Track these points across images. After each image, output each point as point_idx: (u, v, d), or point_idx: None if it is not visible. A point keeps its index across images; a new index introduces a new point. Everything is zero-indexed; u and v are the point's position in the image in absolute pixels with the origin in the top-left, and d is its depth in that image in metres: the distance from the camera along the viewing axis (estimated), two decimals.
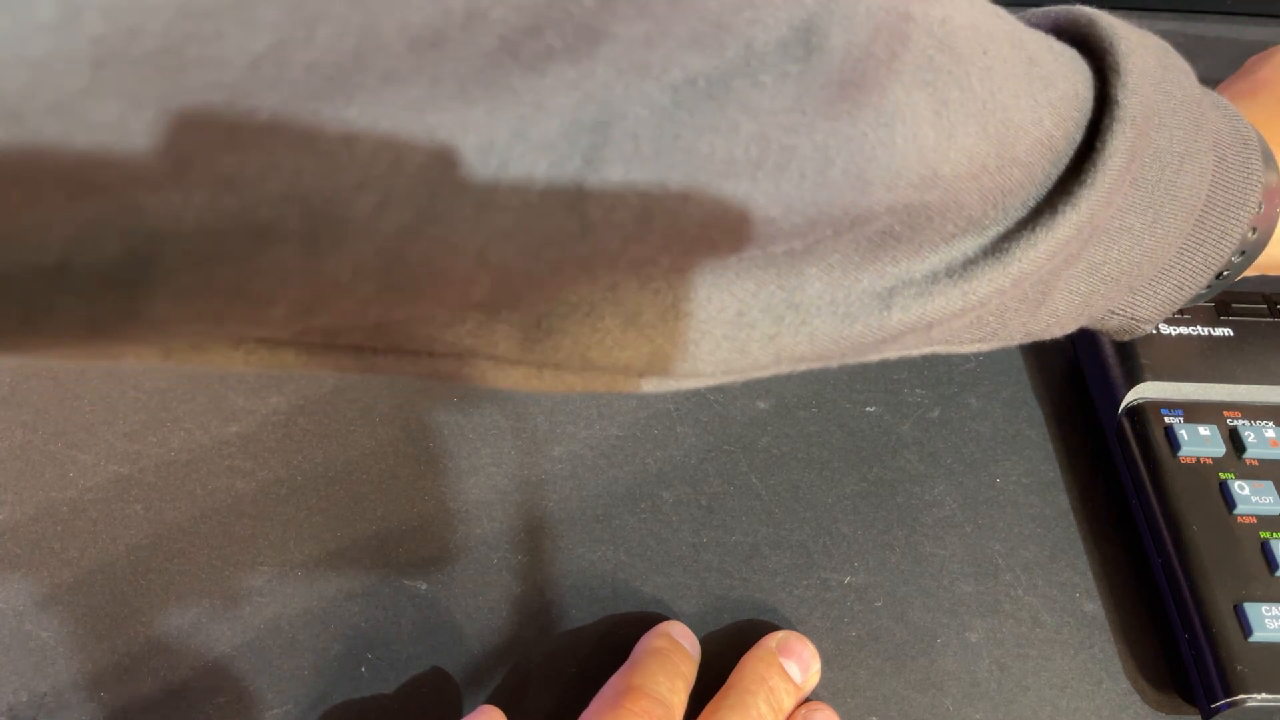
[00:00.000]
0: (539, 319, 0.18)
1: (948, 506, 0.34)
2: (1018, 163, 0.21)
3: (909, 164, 0.18)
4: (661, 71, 0.15)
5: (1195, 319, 0.35)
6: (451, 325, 0.18)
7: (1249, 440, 0.32)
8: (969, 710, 0.30)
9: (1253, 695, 0.27)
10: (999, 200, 0.21)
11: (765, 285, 0.20)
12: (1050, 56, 0.22)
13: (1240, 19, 0.53)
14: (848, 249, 0.20)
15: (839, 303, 0.21)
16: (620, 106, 0.15)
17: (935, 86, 0.19)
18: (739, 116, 0.16)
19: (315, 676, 0.30)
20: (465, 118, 0.13)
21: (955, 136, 0.19)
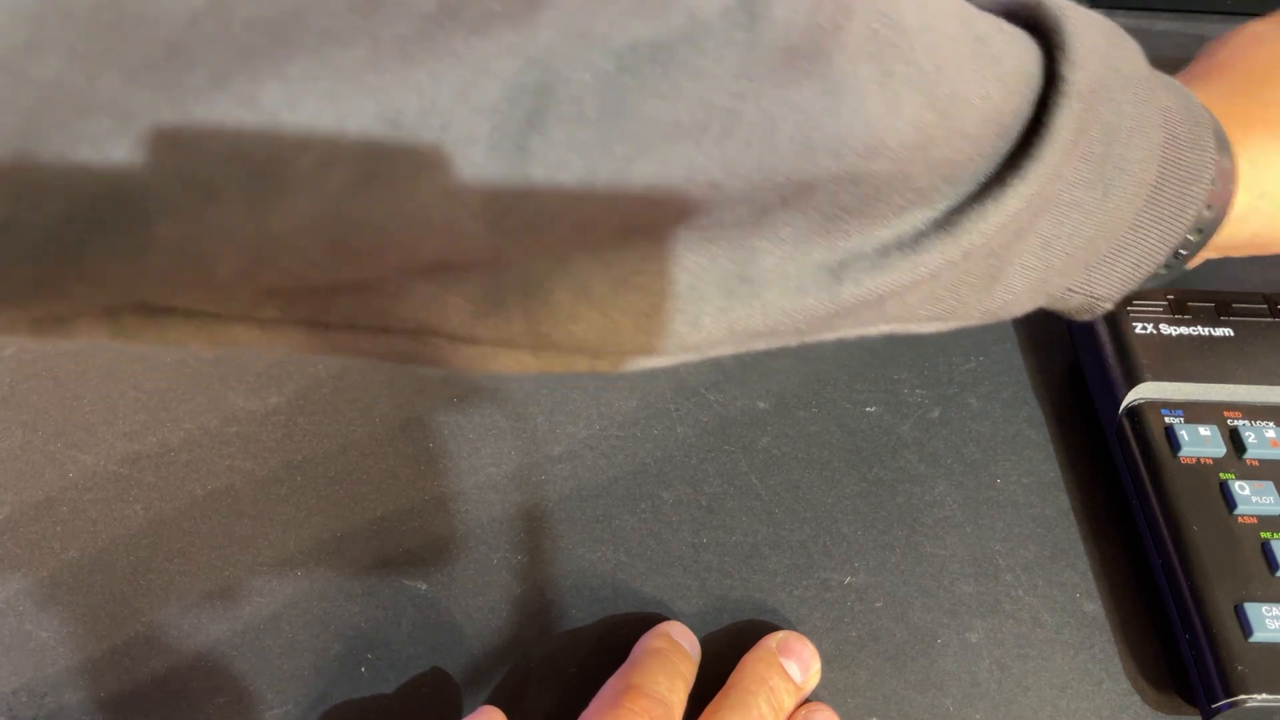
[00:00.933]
0: (489, 290, 0.18)
1: (948, 506, 0.34)
2: (965, 136, 0.21)
3: (855, 133, 0.19)
4: (605, 37, 0.15)
5: (1195, 319, 0.35)
6: (402, 296, 0.18)
7: (1249, 440, 0.32)
8: (969, 710, 0.30)
9: (1253, 695, 0.27)
10: (947, 173, 0.22)
11: (716, 259, 0.20)
12: (998, 35, 0.22)
13: (1240, 19, 0.53)
14: (798, 221, 0.20)
15: (790, 276, 0.21)
16: (563, 71, 0.15)
17: (880, 58, 0.19)
18: (684, 81, 0.16)
19: (315, 676, 0.30)
20: (406, 79, 0.13)
21: (901, 108, 0.19)
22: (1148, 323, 0.35)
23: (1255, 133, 0.28)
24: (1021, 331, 0.39)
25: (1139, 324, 0.35)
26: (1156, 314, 0.35)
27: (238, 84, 0.12)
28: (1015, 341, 0.39)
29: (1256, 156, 0.28)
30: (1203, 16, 0.53)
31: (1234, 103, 0.29)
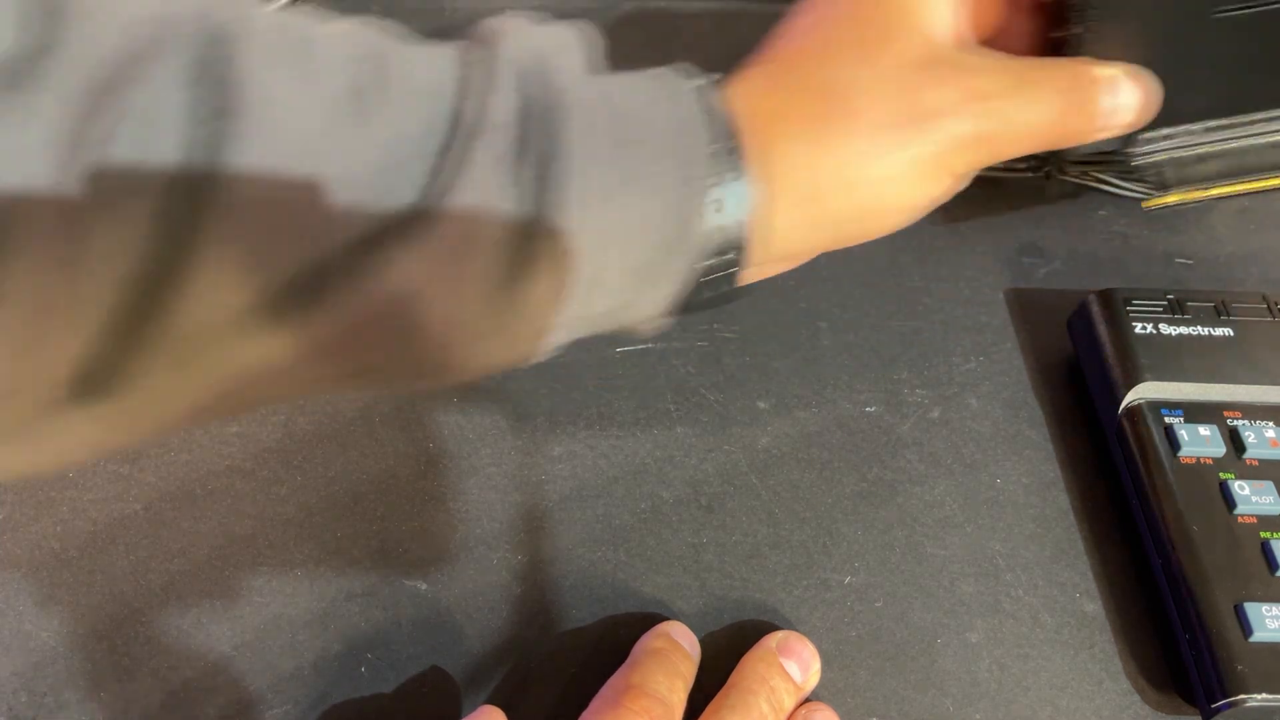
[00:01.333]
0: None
1: (948, 506, 0.34)
2: (342, 183, 0.21)
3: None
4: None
5: (1195, 319, 0.35)
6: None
7: (1249, 440, 0.32)
8: (969, 710, 0.30)
9: (1253, 695, 0.27)
10: (321, 221, 0.21)
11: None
12: (414, 73, 0.23)
13: None
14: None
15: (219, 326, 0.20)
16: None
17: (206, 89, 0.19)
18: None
19: (315, 676, 0.30)
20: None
21: (241, 148, 0.19)
22: (1147, 322, 0.35)
23: (794, 128, 0.26)
24: (1022, 332, 0.39)
25: (1139, 324, 0.35)
26: (1156, 314, 0.35)
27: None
28: (1015, 342, 0.39)
29: (795, 157, 0.26)
30: None
31: (775, 95, 0.27)
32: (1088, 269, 0.41)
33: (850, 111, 0.26)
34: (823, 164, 0.26)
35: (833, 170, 0.26)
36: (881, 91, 0.26)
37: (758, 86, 0.27)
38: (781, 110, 0.26)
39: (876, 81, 0.26)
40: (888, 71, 0.26)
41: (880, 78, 0.26)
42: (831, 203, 0.26)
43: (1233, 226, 0.43)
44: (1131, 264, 0.42)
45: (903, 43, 0.27)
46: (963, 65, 0.27)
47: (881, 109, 0.26)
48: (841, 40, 0.27)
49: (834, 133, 0.26)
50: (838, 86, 0.26)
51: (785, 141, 0.26)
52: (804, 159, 0.26)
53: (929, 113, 0.26)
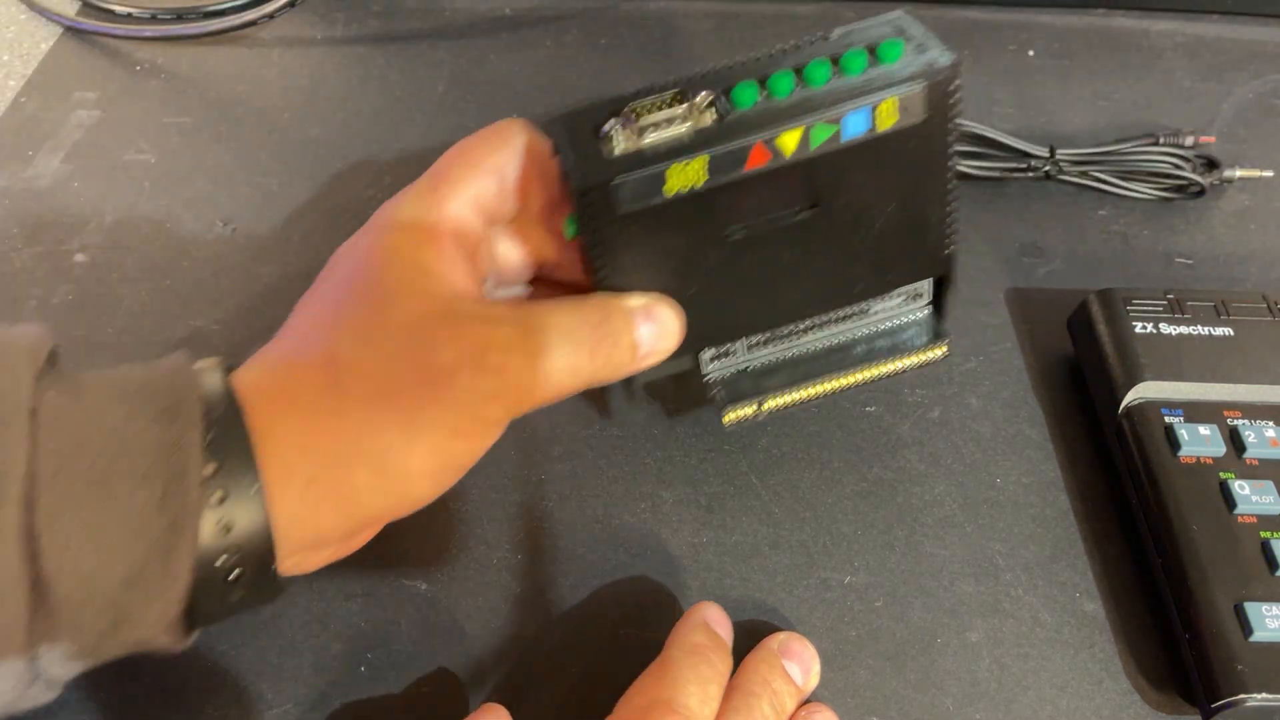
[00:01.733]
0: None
1: (948, 506, 0.34)
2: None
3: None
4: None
5: (1195, 318, 0.35)
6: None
7: (1249, 440, 0.32)
8: (969, 710, 0.30)
9: (1253, 695, 0.27)
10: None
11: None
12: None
13: (1240, 19, 0.53)
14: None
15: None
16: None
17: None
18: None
19: (315, 676, 0.30)
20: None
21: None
22: (1148, 322, 0.35)
23: (298, 406, 0.24)
24: (1021, 331, 0.39)
25: (1139, 323, 0.35)
26: (1156, 313, 0.35)
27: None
28: (1015, 341, 0.39)
29: (297, 437, 0.24)
30: (1203, 16, 0.53)
31: (280, 373, 0.25)
32: (1087, 268, 0.41)
33: (357, 380, 0.25)
34: (328, 442, 0.24)
35: (340, 446, 0.24)
36: (388, 356, 0.25)
37: (266, 365, 0.26)
38: (285, 388, 0.25)
39: (383, 347, 0.25)
40: (396, 334, 0.25)
41: (388, 342, 0.25)
42: (349, 480, 0.25)
43: (1233, 226, 0.43)
44: (1131, 263, 0.42)
45: (411, 302, 0.26)
46: (480, 317, 0.26)
47: (389, 375, 0.25)
48: (350, 304, 0.26)
49: (338, 406, 0.24)
50: (343, 356, 0.25)
51: (286, 421, 0.24)
52: (306, 438, 0.24)
53: (443, 373, 0.25)
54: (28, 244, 0.41)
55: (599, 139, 0.25)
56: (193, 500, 0.22)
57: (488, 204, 0.29)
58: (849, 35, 0.26)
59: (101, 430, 0.22)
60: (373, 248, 0.27)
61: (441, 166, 0.29)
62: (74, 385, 0.23)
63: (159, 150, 0.45)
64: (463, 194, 0.28)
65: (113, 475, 0.22)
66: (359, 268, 0.27)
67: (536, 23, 0.52)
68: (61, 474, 0.22)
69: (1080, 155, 0.44)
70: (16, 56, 0.49)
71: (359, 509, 0.25)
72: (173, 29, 0.49)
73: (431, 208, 0.28)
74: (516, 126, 0.29)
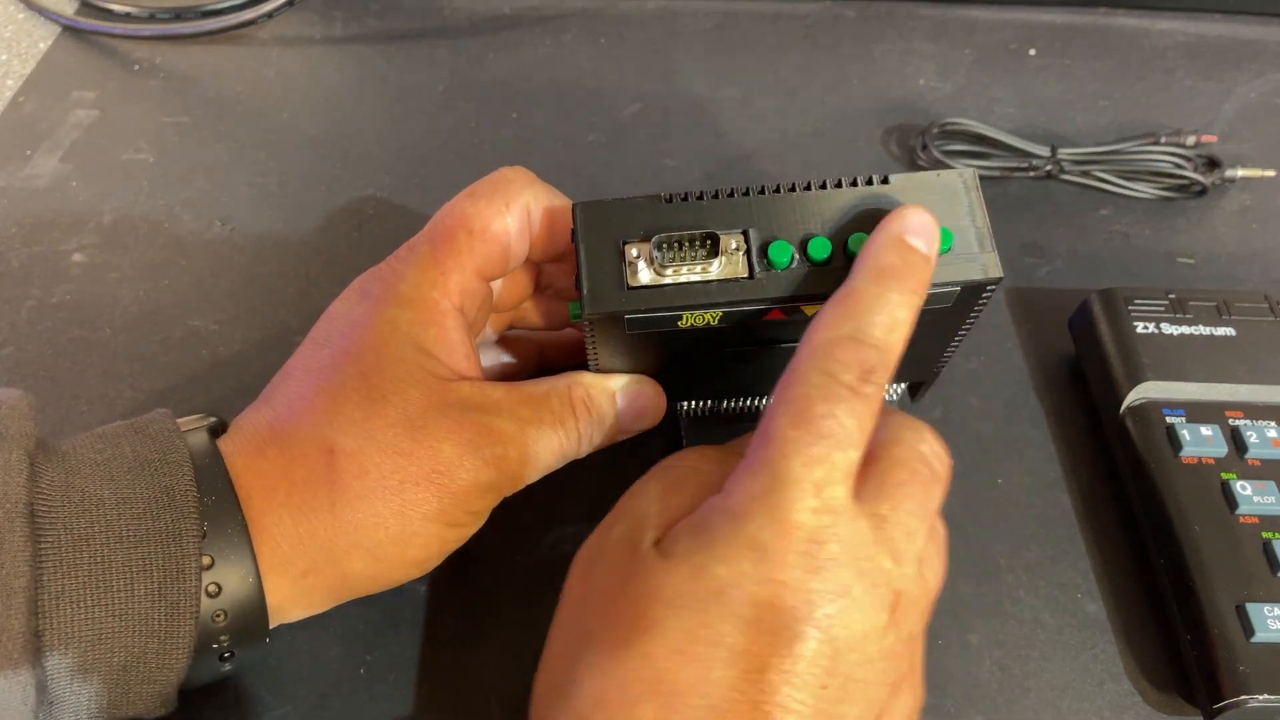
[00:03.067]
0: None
1: (949, 507, 0.34)
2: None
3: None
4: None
5: (1197, 318, 0.35)
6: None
7: (1251, 440, 0.32)
8: (970, 711, 0.30)
9: (1255, 696, 0.27)
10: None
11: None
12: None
13: (1242, 17, 0.53)
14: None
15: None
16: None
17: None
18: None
19: (315, 676, 0.30)
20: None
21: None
22: (1149, 322, 0.35)
23: (294, 499, 0.25)
24: (1023, 331, 0.39)
25: (1140, 323, 0.35)
26: (1158, 313, 0.35)
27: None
28: (1016, 341, 0.39)
29: (291, 526, 0.25)
30: (1204, 15, 0.53)
31: (274, 458, 0.25)
32: (1089, 268, 0.41)
33: (356, 474, 0.25)
34: (324, 536, 0.25)
35: (337, 540, 0.25)
36: (388, 451, 0.25)
37: (258, 439, 0.26)
38: (282, 476, 0.25)
39: (382, 440, 0.25)
40: (396, 425, 0.25)
41: (387, 433, 0.25)
42: (343, 571, 0.26)
43: (1234, 226, 0.43)
44: (1133, 263, 0.42)
45: (411, 393, 0.25)
46: (479, 407, 0.26)
47: (388, 470, 0.25)
48: (348, 391, 0.26)
49: (335, 501, 0.25)
50: (341, 448, 0.25)
51: (282, 513, 0.25)
52: (302, 531, 0.25)
53: (443, 467, 0.25)
54: (26, 244, 0.41)
55: (621, 260, 0.24)
56: (190, 590, 0.23)
57: (493, 270, 0.28)
58: (909, 194, 0.25)
59: (98, 523, 0.23)
60: (371, 324, 0.26)
61: (444, 231, 0.27)
62: (64, 467, 0.24)
63: (157, 150, 0.45)
64: (467, 265, 0.27)
65: (111, 569, 0.23)
66: (357, 346, 0.26)
67: (535, 22, 0.52)
68: (62, 572, 0.22)
69: (1082, 155, 0.43)
70: (15, 56, 0.49)
71: (350, 592, 0.27)
72: (171, 28, 0.49)
73: (436, 281, 0.27)
74: (520, 182, 0.28)
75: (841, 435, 0.22)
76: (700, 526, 0.22)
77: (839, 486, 0.22)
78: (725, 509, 0.22)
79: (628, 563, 0.23)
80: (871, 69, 0.50)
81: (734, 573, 0.21)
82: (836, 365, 0.22)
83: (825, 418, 0.22)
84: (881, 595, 0.22)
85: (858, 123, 0.47)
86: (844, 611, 0.21)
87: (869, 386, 0.22)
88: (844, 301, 0.23)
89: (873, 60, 0.50)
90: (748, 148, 0.46)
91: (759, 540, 0.21)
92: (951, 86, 0.49)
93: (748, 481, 0.22)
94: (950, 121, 0.44)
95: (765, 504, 0.21)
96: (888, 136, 0.46)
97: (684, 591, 0.21)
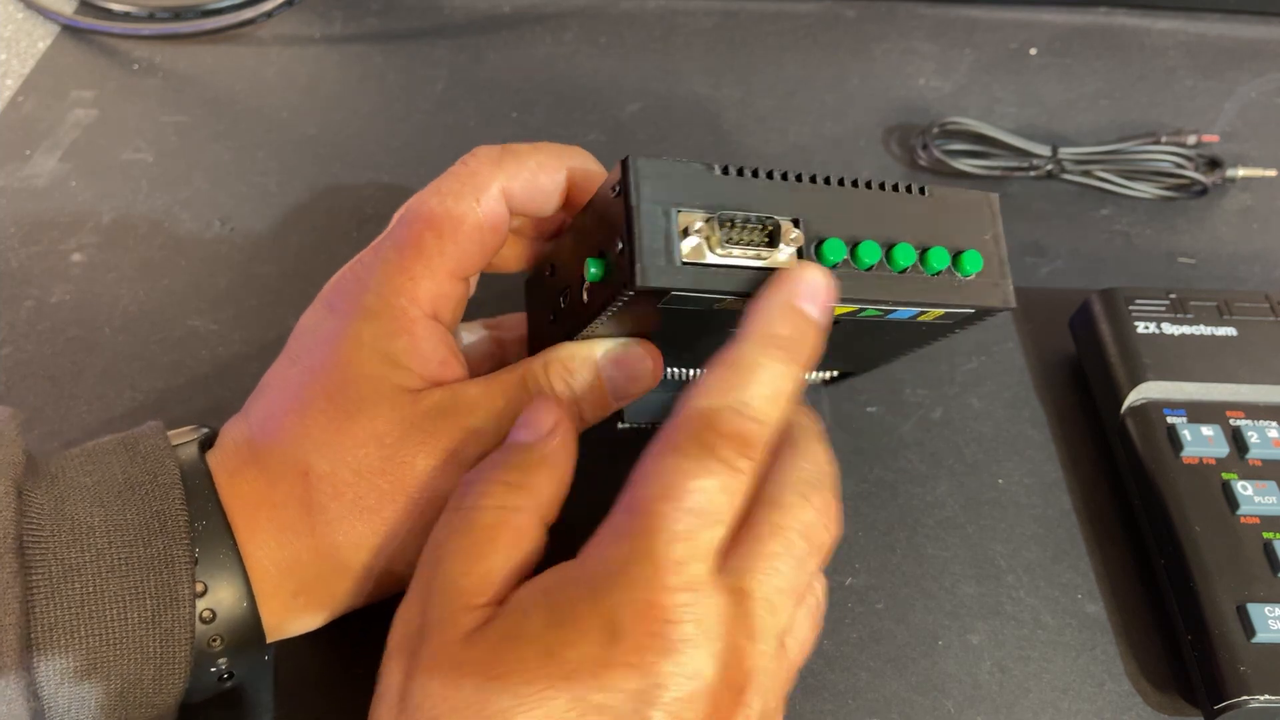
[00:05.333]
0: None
1: (949, 507, 0.34)
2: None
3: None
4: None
5: (1198, 318, 0.35)
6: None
7: (1252, 440, 0.32)
8: (970, 712, 0.30)
9: (1256, 696, 0.27)
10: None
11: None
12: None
13: (1243, 17, 0.53)
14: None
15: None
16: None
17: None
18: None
19: (316, 677, 0.30)
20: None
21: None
22: (1150, 322, 0.35)
23: (278, 519, 0.24)
24: (1023, 331, 0.39)
25: (1141, 323, 0.35)
26: (1159, 313, 0.35)
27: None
28: (1017, 341, 0.39)
29: (281, 550, 0.24)
30: (1205, 15, 0.53)
31: (256, 479, 0.25)
32: (1090, 268, 0.41)
33: (332, 497, 0.24)
34: (309, 560, 0.25)
35: (322, 564, 0.25)
36: (361, 470, 0.24)
37: (240, 456, 0.25)
38: (264, 499, 0.25)
39: (354, 459, 0.24)
40: (367, 444, 0.24)
41: (358, 452, 0.24)
42: (333, 591, 0.25)
43: (1235, 225, 0.43)
44: (1134, 263, 0.41)
45: (380, 409, 0.25)
46: (447, 410, 0.25)
47: (364, 490, 0.24)
48: (316, 409, 0.25)
49: (314, 526, 0.24)
50: (314, 469, 0.24)
51: (268, 538, 0.24)
52: (288, 556, 0.25)
53: (419, 482, 0.25)
54: (25, 244, 0.41)
55: (672, 228, 0.22)
56: (184, 617, 0.23)
57: (469, 268, 0.27)
58: (942, 210, 0.25)
59: (89, 551, 0.23)
60: (337, 339, 0.25)
61: (411, 236, 0.26)
62: (53, 492, 0.23)
63: (157, 149, 0.45)
64: (438, 270, 0.26)
65: (104, 598, 0.22)
66: (323, 363, 0.25)
67: (535, 21, 0.52)
68: (54, 603, 0.22)
69: (1082, 154, 0.43)
70: (14, 55, 0.49)
71: (343, 607, 0.27)
72: (170, 27, 0.49)
73: (403, 289, 0.25)
74: (485, 170, 0.26)
75: (711, 512, 0.21)
76: (552, 600, 0.21)
77: (701, 564, 0.21)
78: (581, 579, 0.21)
79: (459, 652, 0.21)
80: (872, 68, 0.50)
81: (585, 656, 0.20)
82: (714, 438, 0.22)
83: (695, 493, 0.21)
84: (732, 676, 0.21)
85: (858, 122, 0.47)
86: (694, 696, 0.20)
87: (744, 461, 0.22)
88: (728, 369, 0.22)
89: (873, 60, 0.50)
90: (748, 147, 0.46)
91: (614, 619, 0.20)
92: (952, 86, 0.49)
93: (610, 549, 0.21)
94: (951, 121, 0.44)
95: (624, 579, 0.21)
96: (888, 136, 0.46)
97: (534, 679, 0.20)
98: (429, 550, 0.24)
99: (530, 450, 0.25)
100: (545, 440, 0.25)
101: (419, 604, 0.23)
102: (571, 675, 0.20)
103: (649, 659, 0.20)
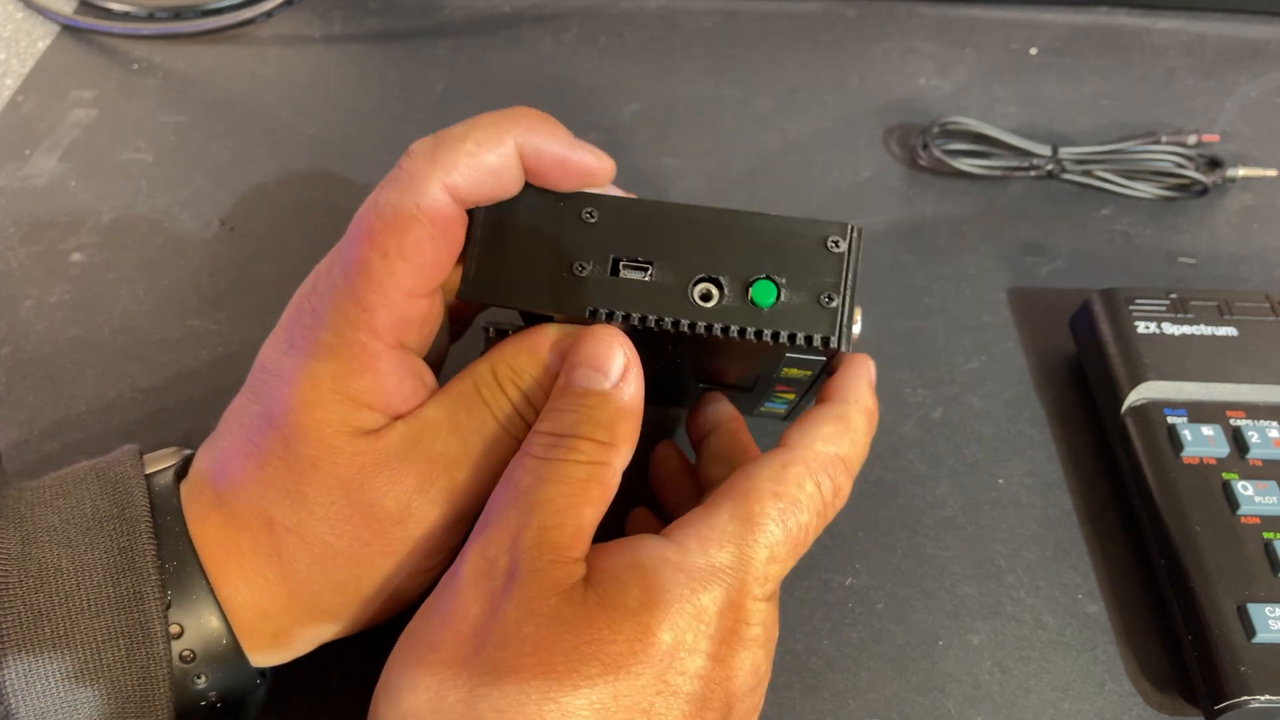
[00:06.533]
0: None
1: (949, 507, 0.34)
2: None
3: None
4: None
5: (1199, 318, 0.35)
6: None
7: (1252, 440, 0.32)
8: (971, 712, 0.30)
9: (1256, 696, 0.27)
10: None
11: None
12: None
13: (1243, 16, 0.53)
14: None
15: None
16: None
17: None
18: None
19: (316, 677, 0.30)
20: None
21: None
22: (1151, 322, 0.35)
23: (248, 564, 0.24)
24: (1024, 331, 0.39)
25: (1142, 323, 0.35)
26: (1160, 313, 0.35)
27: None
28: (1017, 341, 0.39)
29: (252, 594, 0.24)
30: (1206, 14, 0.53)
31: (226, 525, 0.24)
32: (1090, 268, 0.41)
33: (299, 547, 0.24)
34: (283, 607, 0.24)
35: (296, 610, 0.25)
36: (327, 517, 0.24)
37: (204, 503, 0.25)
38: (233, 546, 0.24)
39: (318, 507, 0.24)
40: (331, 490, 0.24)
41: (322, 499, 0.24)
42: (313, 631, 0.25)
43: (1236, 225, 0.43)
44: (1134, 263, 0.41)
45: (341, 456, 0.24)
46: (411, 441, 0.24)
47: (330, 536, 0.24)
48: (275, 458, 0.24)
49: (285, 575, 0.24)
50: (278, 520, 0.24)
51: (240, 585, 0.24)
52: (262, 602, 0.24)
53: (389, 521, 0.24)
54: (24, 243, 0.41)
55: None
56: (159, 654, 0.23)
57: (433, 280, 0.24)
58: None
59: (58, 595, 0.22)
60: (297, 379, 0.24)
61: (357, 261, 0.24)
62: (20, 534, 0.23)
63: (156, 149, 0.45)
64: (393, 293, 0.23)
65: (74, 640, 0.22)
66: (280, 407, 0.24)
67: (535, 21, 0.52)
68: (26, 650, 0.22)
69: (1083, 154, 0.43)
70: (13, 55, 0.49)
71: (326, 639, 0.26)
72: (170, 27, 0.49)
73: (359, 322, 0.23)
74: (421, 171, 0.24)
75: (803, 543, 0.24)
76: (649, 581, 0.22)
77: (778, 580, 0.24)
78: (680, 566, 0.22)
79: (558, 605, 0.21)
80: (872, 68, 0.50)
81: (675, 642, 0.21)
82: (827, 482, 0.24)
83: (801, 528, 0.24)
84: (768, 671, 0.24)
85: (858, 122, 0.47)
86: (753, 688, 0.23)
87: (833, 511, 0.25)
88: (842, 422, 0.25)
89: (873, 59, 0.50)
90: (748, 147, 0.46)
91: (705, 613, 0.22)
92: (952, 85, 0.49)
93: (715, 550, 0.23)
94: (951, 121, 0.44)
95: (721, 581, 0.22)
96: (888, 136, 0.46)
97: (625, 653, 0.21)
98: (509, 492, 0.23)
99: (610, 403, 0.24)
100: (621, 387, 0.24)
101: (504, 543, 0.22)
102: (659, 657, 0.21)
103: (724, 651, 0.22)
